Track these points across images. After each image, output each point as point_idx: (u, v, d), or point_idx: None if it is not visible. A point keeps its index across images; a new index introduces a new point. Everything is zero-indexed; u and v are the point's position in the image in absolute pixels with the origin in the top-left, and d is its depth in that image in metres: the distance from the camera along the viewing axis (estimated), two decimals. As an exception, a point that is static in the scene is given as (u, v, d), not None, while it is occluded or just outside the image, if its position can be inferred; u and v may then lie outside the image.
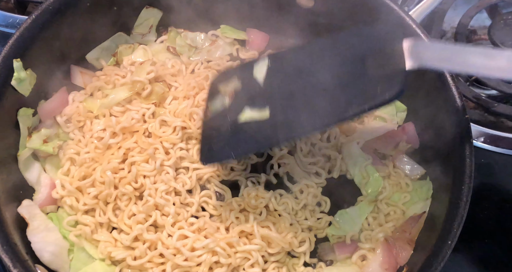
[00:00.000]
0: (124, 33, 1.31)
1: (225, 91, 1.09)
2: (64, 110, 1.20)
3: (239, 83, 1.10)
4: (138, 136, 1.16)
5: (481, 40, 1.51)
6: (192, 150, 1.18)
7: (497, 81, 1.38)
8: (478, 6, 1.51)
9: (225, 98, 1.09)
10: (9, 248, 0.95)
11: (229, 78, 1.11)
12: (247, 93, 1.08)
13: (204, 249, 1.05)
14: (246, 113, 1.05)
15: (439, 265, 0.96)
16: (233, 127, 1.06)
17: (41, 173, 1.13)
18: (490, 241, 1.25)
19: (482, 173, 1.29)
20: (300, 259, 1.13)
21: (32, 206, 1.08)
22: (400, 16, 1.16)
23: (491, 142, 1.32)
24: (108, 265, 1.07)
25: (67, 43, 1.19)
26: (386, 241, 1.12)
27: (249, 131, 1.04)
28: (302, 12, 1.31)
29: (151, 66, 1.22)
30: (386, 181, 1.19)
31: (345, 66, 1.03)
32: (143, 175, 1.12)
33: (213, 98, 1.11)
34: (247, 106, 1.05)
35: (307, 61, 1.07)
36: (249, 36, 1.37)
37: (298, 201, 1.16)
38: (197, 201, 1.14)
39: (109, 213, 1.10)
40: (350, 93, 1.00)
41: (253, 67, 1.10)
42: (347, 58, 1.04)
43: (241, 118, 1.05)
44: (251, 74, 1.09)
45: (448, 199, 1.04)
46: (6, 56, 1.07)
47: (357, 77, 1.01)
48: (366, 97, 0.98)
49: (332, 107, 1.00)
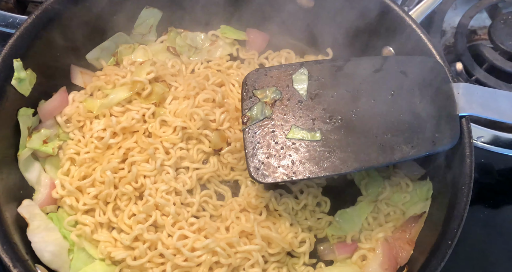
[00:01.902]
0: (124, 33, 1.31)
1: (262, 97, 1.06)
2: (64, 110, 1.20)
3: (278, 92, 1.06)
4: (138, 136, 1.16)
5: (481, 40, 1.51)
6: (192, 150, 1.18)
7: (497, 81, 1.39)
8: (478, 6, 1.51)
9: (264, 105, 1.05)
10: (9, 248, 0.95)
11: (264, 85, 1.08)
12: (291, 108, 1.05)
13: (204, 249, 1.05)
14: (294, 131, 1.03)
15: (439, 265, 0.96)
16: (282, 143, 1.02)
17: (41, 173, 1.13)
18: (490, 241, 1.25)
19: (482, 173, 1.29)
20: (300, 259, 1.13)
21: (32, 206, 1.08)
22: (400, 16, 1.16)
23: (491, 142, 1.32)
24: (108, 265, 1.07)
25: (67, 43, 1.19)
26: (386, 241, 1.12)
27: (302, 150, 1.02)
28: (302, 12, 1.31)
29: (151, 66, 1.22)
30: (386, 181, 1.19)
31: (395, 97, 1.04)
32: (143, 175, 1.12)
33: (251, 103, 1.06)
34: (294, 126, 1.03)
35: (350, 80, 1.06)
36: (249, 36, 1.37)
37: (298, 201, 1.16)
38: (197, 201, 1.14)
39: (109, 213, 1.10)
40: (402, 130, 1.01)
41: (291, 77, 1.07)
42: (395, 86, 1.05)
43: (289, 135, 1.03)
44: (291, 83, 1.07)
45: (448, 199, 1.04)
46: (6, 56, 1.07)
47: (407, 111, 1.03)
48: (421, 140, 1.00)
49: (386, 141, 1.01)
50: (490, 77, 1.40)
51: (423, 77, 1.06)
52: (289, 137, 1.03)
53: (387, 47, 1.22)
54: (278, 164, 1.01)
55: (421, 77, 1.06)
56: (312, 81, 1.07)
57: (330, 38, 1.32)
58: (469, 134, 1.04)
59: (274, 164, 1.01)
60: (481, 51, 1.44)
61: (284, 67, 1.09)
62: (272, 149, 1.02)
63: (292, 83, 1.07)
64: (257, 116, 1.05)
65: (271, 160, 1.01)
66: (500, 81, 1.39)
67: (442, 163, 1.10)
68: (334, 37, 1.31)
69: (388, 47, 1.22)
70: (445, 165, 1.09)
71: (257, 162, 1.01)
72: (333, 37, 1.31)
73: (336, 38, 1.31)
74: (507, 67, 1.40)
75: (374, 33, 1.22)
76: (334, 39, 1.32)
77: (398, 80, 1.06)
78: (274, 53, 1.37)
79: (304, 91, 1.06)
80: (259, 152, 1.02)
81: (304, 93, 1.06)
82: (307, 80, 1.07)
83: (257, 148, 1.02)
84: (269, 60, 1.37)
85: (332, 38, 1.32)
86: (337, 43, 1.32)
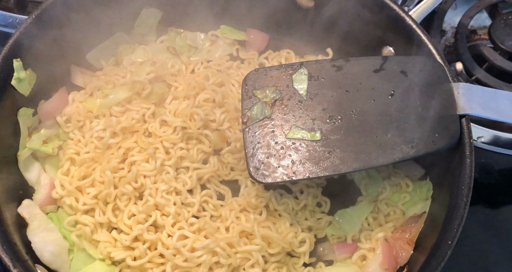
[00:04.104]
0: (124, 33, 1.31)
1: (262, 97, 1.06)
2: (64, 110, 1.20)
3: (278, 92, 1.06)
4: (138, 136, 1.16)
5: (481, 40, 1.51)
6: (193, 150, 1.18)
7: (497, 81, 1.39)
8: (478, 6, 1.51)
9: (263, 105, 1.05)
10: (9, 248, 0.95)
11: (264, 85, 1.07)
12: (291, 108, 1.05)
13: (204, 249, 1.05)
14: (294, 131, 1.03)
15: (439, 265, 0.96)
16: (282, 143, 1.02)
17: (41, 173, 1.13)
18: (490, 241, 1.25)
19: (482, 173, 1.29)
20: (300, 259, 1.13)
21: (32, 206, 1.08)
22: (400, 16, 1.16)
23: (491, 142, 1.32)
24: (108, 265, 1.07)
25: (67, 43, 1.19)
26: (386, 241, 1.12)
27: (302, 150, 1.02)
28: (302, 12, 1.31)
29: (151, 66, 1.22)
30: (386, 181, 1.19)
31: (395, 97, 1.04)
32: (143, 175, 1.12)
33: (251, 103, 1.06)
34: (294, 125, 1.03)
35: (350, 80, 1.06)
36: (249, 36, 1.37)
37: (298, 201, 1.16)
38: (198, 200, 1.14)
39: (108, 213, 1.10)
40: (402, 130, 1.01)
41: (291, 77, 1.07)
42: (395, 86, 1.05)
43: (289, 135, 1.03)
44: (290, 83, 1.07)
45: (448, 199, 1.04)
46: (6, 56, 1.07)
47: (407, 111, 1.03)
48: (421, 140, 1.00)
49: (386, 141, 1.01)
50: (490, 77, 1.40)
51: (423, 77, 1.06)
52: (289, 137, 1.03)
53: (387, 47, 1.22)
54: (278, 164, 1.01)
55: (421, 77, 1.06)
56: (312, 81, 1.07)
57: (330, 38, 1.32)
58: (469, 134, 1.04)
59: (274, 164, 1.01)
60: (481, 51, 1.44)
61: (284, 67, 1.09)
62: (272, 149, 1.02)
63: (292, 83, 1.07)
64: (257, 116, 1.05)
65: (271, 160, 1.01)
66: (500, 81, 1.39)
67: (442, 163, 1.10)
68: (334, 37, 1.31)
69: (388, 47, 1.22)
70: (445, 165, 1.09)
71: (257, 162, 1.01)
72: (333, 37, 1.31)
73: (336, 38, 1.31)
74: (507, 67, 1.40)
75: (374, 33, 1.22)
76: (334, 39, 1.32)
77: (398, 80, 1.06)
78: (274, 53, 1.37)
79: (304, 91, 1.06)
80: (259, 152, 1.02)
81: (304, 93, 1.06)
82: (307, 80, 1.07)
83: (257, 148, 1.02)
84: (269, 60, 1.37)
85: (332, 38, 1.32)
86: (337, 43, 1.33)
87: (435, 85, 1.05)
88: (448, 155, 1.07)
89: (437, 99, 1.04)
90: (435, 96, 1.04)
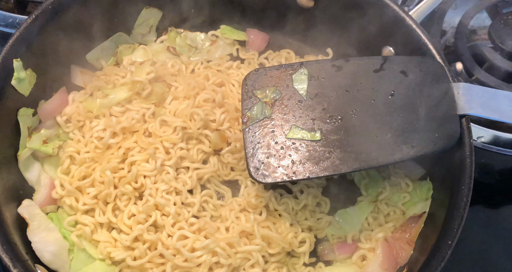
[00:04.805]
0: (124, 33, 1.31)
1: (262, 97, 1.06)
2: (64, 110, 1.20)
3: (278, 92, 1.06)
4: (138, 136, 1.16)
5: (481, 40, 1.51)
6: (193, 150, 1.18)
7: (497, 81, 1.38)
8: (478, 6, 1.51)
9: (263, 105, 1.05)
10: (9, 248, 0.95)
11: (264, 85, 1.07)
12: (291, 108, 1.05)
13: (204, 249, 1.05)
14: (294, 131, 1.03)
15: (439, 265, 0.96)
16: (282, 143, 1.02)
17: (41, 173, 1.13)
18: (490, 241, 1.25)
19: (482, 173, 1.29)
20: (300, 259, 1.13)
21: (32, 206, 1.08)
22: (400, 16, 1.16)
23: (491, 142, 1.32)
24: (108, 265, 1.07)
25: (67, 43, 1.19)
26: (386, 241, 1.12)
27: (302, 150, 1.02)
28: (302, 12, 1.31)
29: (151, 66, 1.22)
30: (386, 181, 1.19)
31: (395, 97, 1.04)
32: (143, 175, 1.12)
33: (251, 103, 1.06)
34: (294, 125, 1.03)
35: (350, 80, 1.06)
36: (249, 36, 1.37)
37: (298, 201, 1.16)
38: (198, 200, 1.14)
39: (108, 213, 1.10)
40: (402, 130, 1.01)
41: (291, 77, 1.07)
42: (395, 86, 1.05)
43: (289, 135, 1.03)
44: (290, 83, 1.07)
45: (448, 199, 1.04)
46: (6, 56, 1.07)
47: (407, 111, 1.03)
48: (421, 140, 1.01)
49: (386, 141, 1.01)
50: (490, 77, 1.39)
51: (423, 77, 1.06)
52: (289, 137, 1.03)
53: (387, 47, 1.22)
54: (278, 164, 1.01)
55: (421, 77, 1.06)
56: (312, 81, 1.07)
57: (330, 38, 1.32)
58: (469, 134, 1.04)
59: (274, 164, 1.01)
60: (481, 51, 1.44)
61: (284, 67, 1.09)
62: (272, 149, 1.02)
63: (292, 83, 1.07)
64: (257, 116, 1.05)
65: (271, 160, 1.01)
66: (500, 81, 1.39)
67: (442, 163, 1.10)
68: (334, 37, 1.31)
69: (388, 47, 1.22)
70: (445, 165, 1.09)
71: (257, 162, 1.01)
72: (333, 37, 1.31)
73: (336, 38, 1.31)
74: (507, 67, 1.40)
75: (374, 33, 1.22)
76: (334, 39, 1.32)
77: (398, 80, 1.06)
78: (274, 53, 1.37)
79: (304, 91, 1.06)
80: (259, 152, 1.02)
81: (304, 93, 1.06)
82: (307, 80, 1.07)
83: (257, 148, 1.02)
84: (269, 60, 1.37)
85: (332, 38, 1.32)
86: (337, 43, 1.33)
87: (435, 85, 1.05)
88: (448, 155, 1.07)
89: (437, 99, 1.04)
90: (435, 96, 1.04)
